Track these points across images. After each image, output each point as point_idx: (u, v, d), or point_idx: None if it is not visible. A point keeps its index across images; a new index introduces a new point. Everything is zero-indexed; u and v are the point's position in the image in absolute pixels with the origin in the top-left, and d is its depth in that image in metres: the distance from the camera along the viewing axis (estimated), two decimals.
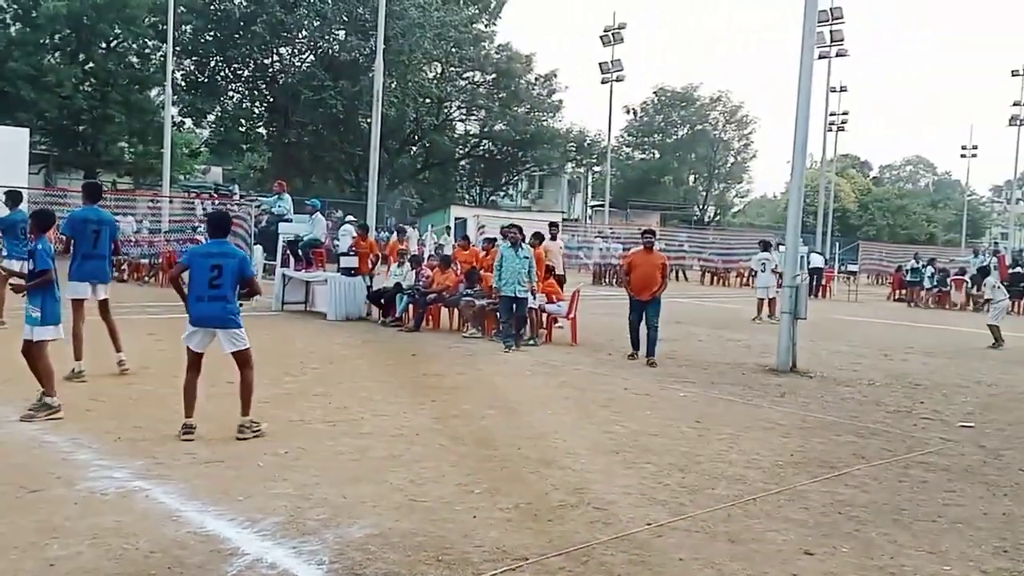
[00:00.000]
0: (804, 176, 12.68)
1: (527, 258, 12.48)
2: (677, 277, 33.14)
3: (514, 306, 12.46)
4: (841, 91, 49.20)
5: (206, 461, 6.00)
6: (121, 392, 8.14)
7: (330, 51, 45.17)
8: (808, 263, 26.96)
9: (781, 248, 17.83)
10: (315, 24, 44.21)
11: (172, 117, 35.17)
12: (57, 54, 37.72)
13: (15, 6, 36.90)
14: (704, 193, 73.58)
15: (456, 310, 14.43)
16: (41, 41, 36.62)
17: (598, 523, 5.14)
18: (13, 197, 12.27)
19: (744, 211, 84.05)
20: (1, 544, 4.35)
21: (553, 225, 17.16)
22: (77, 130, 38.35)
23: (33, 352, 7.01)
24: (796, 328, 11.73)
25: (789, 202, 12.79)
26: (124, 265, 22.11)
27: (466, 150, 56.77)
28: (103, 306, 9.26)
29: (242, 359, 6.82)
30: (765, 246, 20.08)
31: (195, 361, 6.77)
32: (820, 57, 40.35)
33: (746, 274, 34.15)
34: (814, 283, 27.53)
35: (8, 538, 4.44)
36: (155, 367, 9.48)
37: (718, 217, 73.96)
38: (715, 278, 35.19)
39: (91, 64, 38.24)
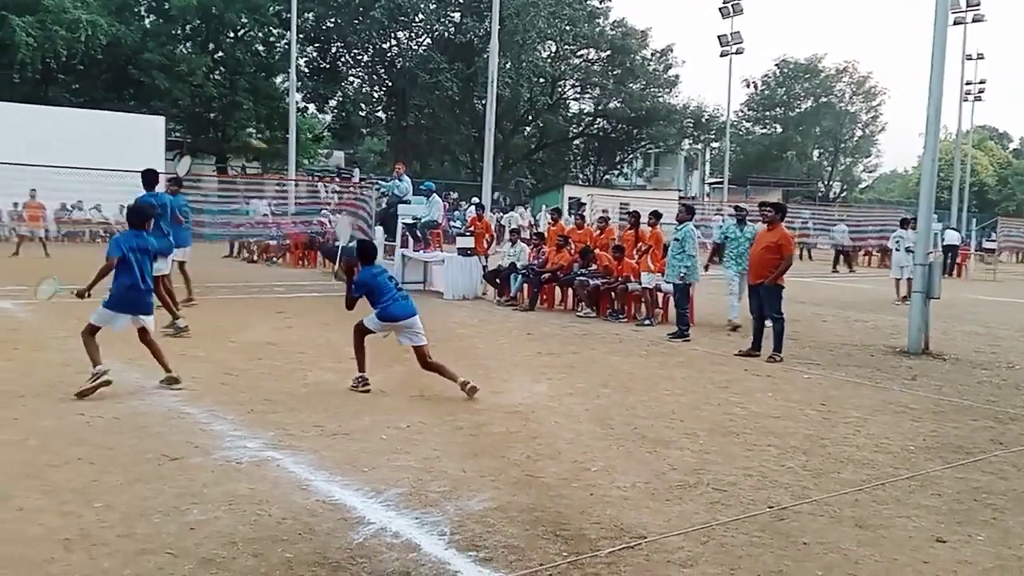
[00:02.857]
0: (937, 149, 12.03)
1: (676, 239, 11.92)
2: (801, 256, 32.08)
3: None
4: (978, 59, 46.37)
5: (333, 434, 6.22)
6: (252, 367, 8.52)
7: (446, 33, 45.72)
8: (942, 240, 25.62)
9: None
10: (431, 7, 44.80)
11: (296, 103, 36.37)
12: (188, 44, 39.56)
13: None
14: (830, 168, 70.91)
15: (570, 289, 14.42)
16: (173, 32, 38.51)
17: (718, 504, 5.06)
18: (176, 182, 12.26)
19: (873, 187, 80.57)
20: (145, 508, 4.64)
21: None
22: (208, 117, 40.20)
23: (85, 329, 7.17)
24: (929, 308, 11.20)
25: (921, 176, 12.15)
26: (253, 246, 23.09)
27: (580, 129, 56.50)
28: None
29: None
30: (903, 223, 19.14)
31: (367, 333, 7.63)
32: (955, 23, 38.11)
33: (874, 252, 32.75)
34: (948, 261, 26.17)
35: (152, 502, 4.72)
36: (282, 344, 9.88)
37: (844, 193, 71.16)
38: (843, 256, 33.86)
39: (220, 53, 39.99)
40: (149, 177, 10.35)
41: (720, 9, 42.86)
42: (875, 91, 68.67)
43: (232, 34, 40.17)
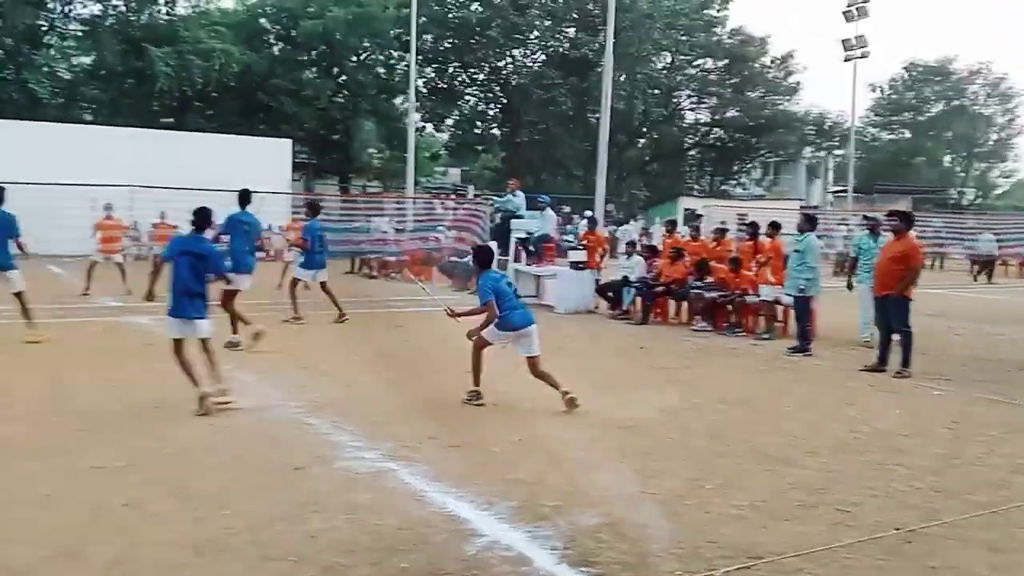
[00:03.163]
0: None
1: (797, 251, 11.46)
2: (933, 266, 30.63)
3: None
4: None
5: (447, 446, 6.33)
6: (370, 380, 8.76)
7: (560, 49, 45.92)
8: None
9: None
10: (546, 24, 45.12)
11: (415, 123, 37.24)
12: (314, 69, 41.13)
13: (278, 27, 40.72)
14: (963, 174, 67.39)
15: (685, 303, 14.19)
16: (300, 58, 40.13)
17: (841, 525, 4.88)
18: (313, 208, 13.38)
19: (1010, 192, 76.05)
20: (269, 516, 4.83)
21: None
22: (332, 139, 41.63)
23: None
24: None
25: None
26: (373, 262, 23.74)
27: (695, 139, 55.59)
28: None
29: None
30: None
31: (485, 346, 7.66)
32: None
33: (1011, 263, 30.89)
34: None
35: (275, 510, 4.91)
36: (400, 357, 10.13)
37: (979, 200, 67.42)
38: (984, 266, 32.00)
39: (343, 76, 41.38)
40: (243, 196, 10.90)
41: (844, 13, 41.48)
42: (1011, 93, 64.92)
43: (354, 58, 41.52)
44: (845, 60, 41.83)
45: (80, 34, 36.54)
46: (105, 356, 9.90)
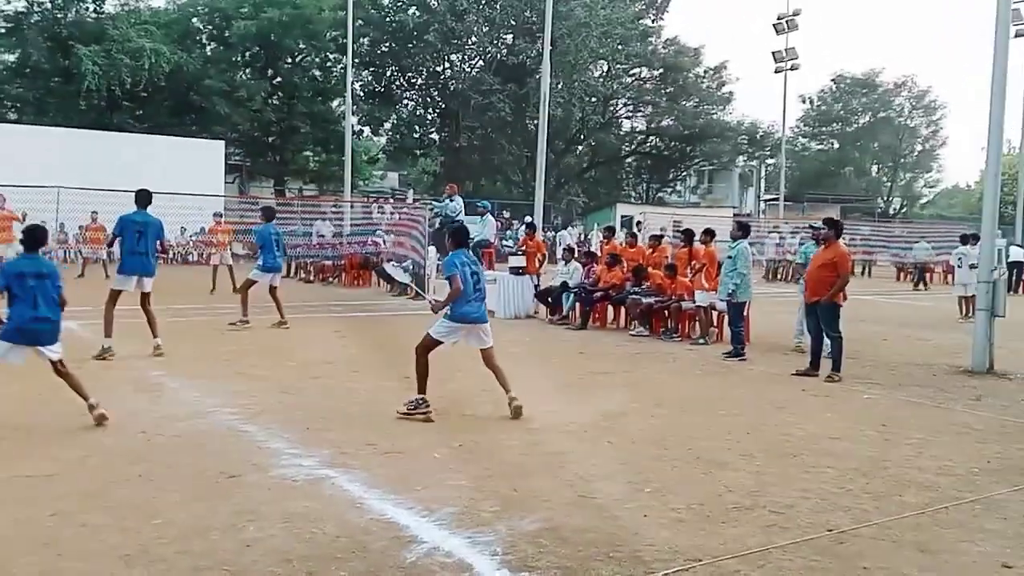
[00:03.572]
0: (1000, 163, 11.73)
1: (729, 257, 11.75)
2: (863, 273, 31.57)
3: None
4: None
5: (386, 452, 6.26)
6: (308, 386, 8.64)
7: (498, 55, 46.05)
8: (1007, 256, 24.82)
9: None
10: (484, 30, 45.20)
11: (352, 126, 36.91)
12: (248, 70, 40.54)
13: (210, 27, 40.04)
14: (889, 184, 69.53)
15: (623, 308, 14.34)
16: (233, 59, 39.54)
17: (775, 527, 4.97)
18: (267, 213, 13.74)
19: (934, 202, 78.72)
20: (202, 525, 4.71)
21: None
22: (267, 141, 41.07)
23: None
24: (994, 326, 10.89)
25: (984, 191, 11.86)
26: (310, 266, 23.48)
27: (632, 147, 56.34)
28: (145, 298, 10.04)
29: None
30: (963, 239, 18.70)
31: (434, 347, 7.40)
32: (1017, 35, 37.21)
33: (936, 269, 31.96)
34: (1014, 278, 25.40)
35: (209, 519, 4.80)
36: (340, 363, 10.00)
37: (904, 209, 69.62)
38: (904, 274, 33.07)
39: (278, 78, 40.89)
40: (140, 196, 10.20)
41: (775, 25, 42.49)
42: (935, 105, 67.23)
43: (290, 60, 41.04)
44: (776, 71, 42.86)
45: (3, 31, 35.42)
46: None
